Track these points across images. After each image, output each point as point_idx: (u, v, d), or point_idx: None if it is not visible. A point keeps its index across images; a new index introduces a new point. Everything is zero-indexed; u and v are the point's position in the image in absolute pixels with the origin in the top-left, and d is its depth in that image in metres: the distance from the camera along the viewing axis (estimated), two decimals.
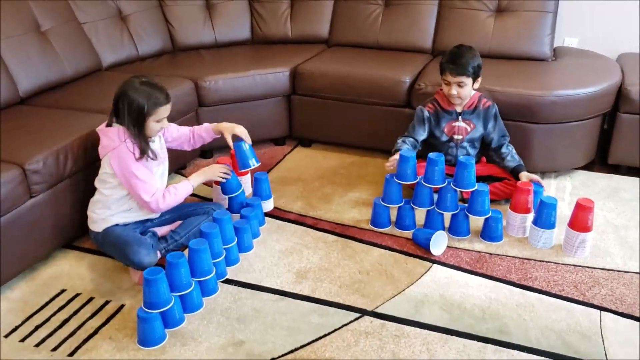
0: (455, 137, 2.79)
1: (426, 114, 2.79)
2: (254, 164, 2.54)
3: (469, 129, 2.77)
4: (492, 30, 3.41)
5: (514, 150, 2.77)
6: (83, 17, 3.28)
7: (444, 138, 2.80)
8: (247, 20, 3.85)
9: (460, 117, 2.77)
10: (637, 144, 3.02)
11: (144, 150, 2.21)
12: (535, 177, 2.67)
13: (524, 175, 2.66)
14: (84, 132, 2.44)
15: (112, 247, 2.28)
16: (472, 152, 2.82)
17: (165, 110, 2.23)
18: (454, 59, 2.65)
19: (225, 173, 2.51)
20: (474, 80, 2.69)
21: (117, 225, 2.29)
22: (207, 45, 3.78)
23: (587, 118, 2.97)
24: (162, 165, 2.38)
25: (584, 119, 2.96)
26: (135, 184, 2.20)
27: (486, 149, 2.85)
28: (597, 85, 2.93)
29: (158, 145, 2.37)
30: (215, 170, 2.49)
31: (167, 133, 2.49)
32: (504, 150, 2.76)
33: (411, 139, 2.79)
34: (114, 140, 2.20)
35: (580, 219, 2.38)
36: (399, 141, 2.78)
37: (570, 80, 3.00)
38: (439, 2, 3.56)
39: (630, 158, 3.08)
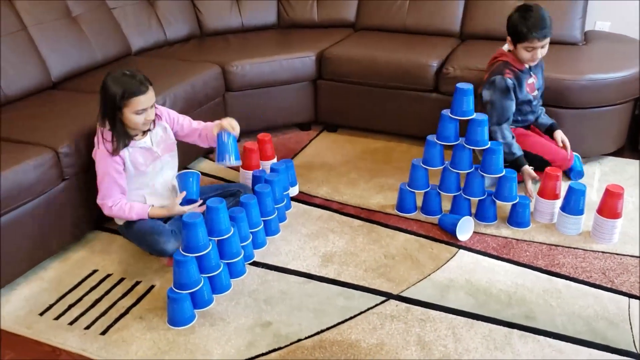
0: (533, 93, 2.74)
1: (510, 82, 2.61)
2: (231, 161, 2.26)
3: (535, 82, 2.73)
4: None
5: (543, 109, 2.85)
6: (112, 3, 3.32)
7: (528, 97, 2.71)
8: (273, 5, 3.85)
9: (531, 72, 2.73)
10: None
11: (119, 146, 2.17)
12: (567, 142, 2.76)
13: (559, 135, 2.76)
14: None
15: (135, 239, 2.32)
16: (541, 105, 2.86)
17: (141, 101, 2.13)
18: (539, 24, 2.53)
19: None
20: None
21: None
22: (234, 29, 3.79)
23: (618, 103, 2.91)
24: (159, 160, 2.32)
25: (615, 104, 2.91)
26: (98, 181, 2.24)
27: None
28: (628, 69, 2.87)
29: (152, 141, 2.29)
30: (178, 210, 2.25)
31: (176, 126, 2.40)
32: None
33: (510, 121, 2.67)
34: (96, 142, 2.22)
35: (610, 206, 2.36)
36: (510, 137, 2.62)
37: (601, 65, 2.95)
38: None
39: None
